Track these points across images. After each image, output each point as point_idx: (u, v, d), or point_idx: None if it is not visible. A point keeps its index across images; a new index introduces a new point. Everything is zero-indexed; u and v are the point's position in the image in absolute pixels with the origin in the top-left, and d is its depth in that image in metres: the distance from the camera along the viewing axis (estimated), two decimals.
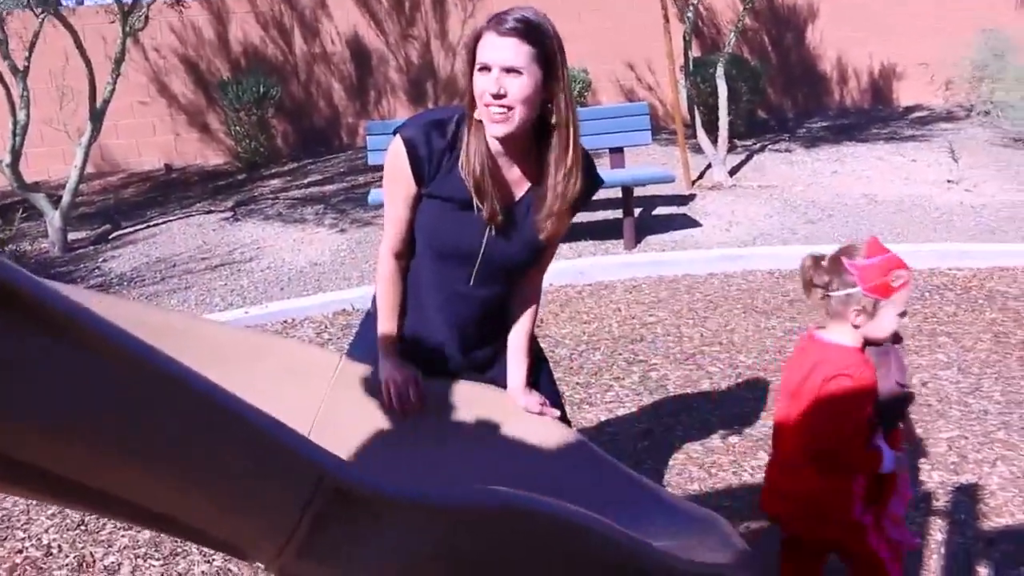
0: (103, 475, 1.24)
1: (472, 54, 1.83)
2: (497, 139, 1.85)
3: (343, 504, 1.33)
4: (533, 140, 1.90)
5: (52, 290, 1.07)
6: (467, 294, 2.02)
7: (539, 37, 1.79)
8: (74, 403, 1.12)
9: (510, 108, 1.79)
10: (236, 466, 1.27)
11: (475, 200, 1.89)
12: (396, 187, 1.96)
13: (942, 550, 2.66)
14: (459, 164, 1.89)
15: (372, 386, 2.10)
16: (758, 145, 8.92)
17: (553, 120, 1.86)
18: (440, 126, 1.91)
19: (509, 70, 1.77)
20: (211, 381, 1.21)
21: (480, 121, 1.85)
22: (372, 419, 2.10)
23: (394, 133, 1.93)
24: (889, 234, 6.01)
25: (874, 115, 10.32)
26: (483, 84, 1.79)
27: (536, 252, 2.02)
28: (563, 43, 1.83)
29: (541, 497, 1.46)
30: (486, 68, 1.79)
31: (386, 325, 2.08)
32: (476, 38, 1.82)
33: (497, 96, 1.78)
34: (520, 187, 1.96)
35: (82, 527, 3.01)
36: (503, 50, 1.77)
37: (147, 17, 7.20)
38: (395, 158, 1.93)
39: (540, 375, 2.21)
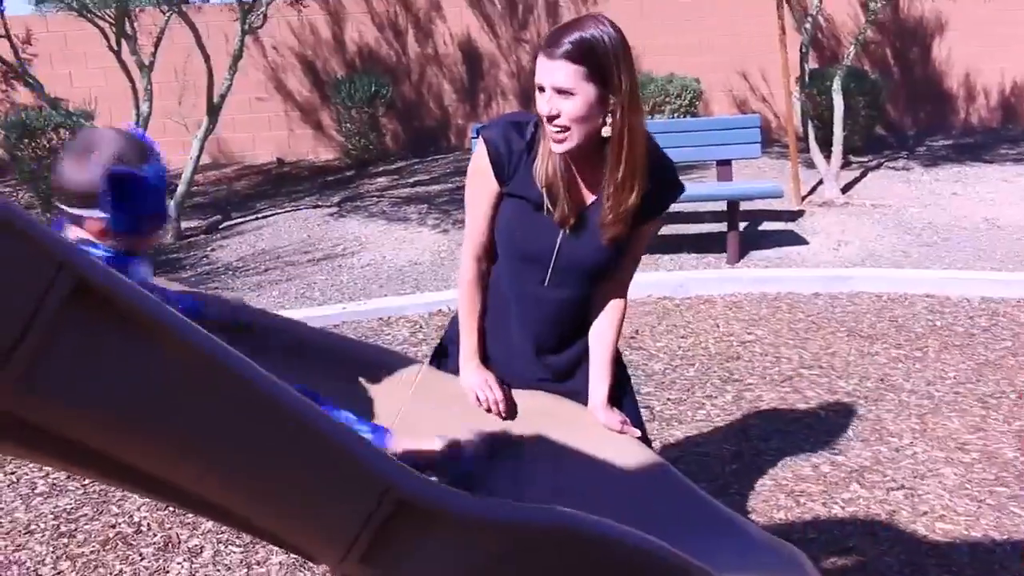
0: (176, 472, 1.26)
1: (534, 73, 1.86)
2: (555, 151, 1.88)
3: (407, 515, 1.33)
4: (600, 149, 1.89)
5: (135, 290, 1.08)
6: (542, 296, 2.02)
7: (591, 55, 1.78)
8: (148, 399, 1.13)
9: (566, 128, 1.82)
10: (304, 473, 1.27)
11: (547, 202, 1.92)
12: (478, 186, 1.99)
13: None
14: (534, 166, 1.92)
15: (452, 396, 2.09)
16: (875, 162, 8.61)
17: (605, 133, 1.85)
18: (519, 128, 1.95)
19: (560, 91, 1.79)
20: (284, 385, 1.22)
21: None
22: (449, 429, 2.09)
23: (476, 134, 1.96)
24: (1011, 262, 5.70)
25: (1002, 135, 9.84)
26: (540, 105, 1.83)
27: (609, 258, 1.99)
28: (630, 51, 1.81)
29: (605, 520, 1.42)
30: (541, 89, 1.82)
31: (467, 330, 2.10)
32: (535, 58, 1.85)
33: (551, 117, 1.81)
34: (591, 192, 1.96)
35: (171, 509, 3.10)
36: (554, 72, 1.79)
37: (265, 15, 7.40)
38: (477, 157, 1.97)
39: (624, 394, 2.16)
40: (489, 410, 2.05)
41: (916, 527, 2.90)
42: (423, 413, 2.08)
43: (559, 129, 1.82)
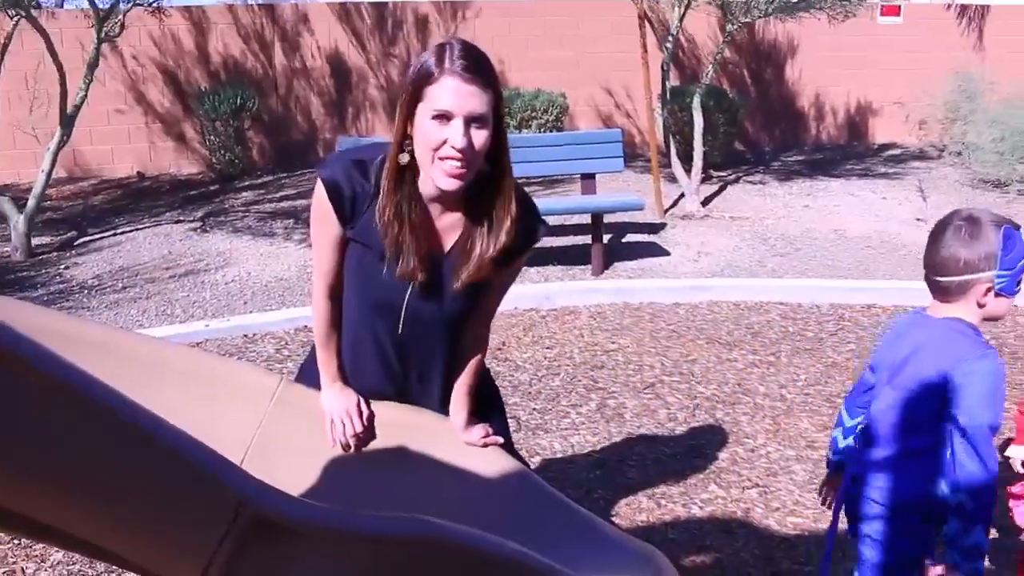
0: (18, 498, 1.21)
1: (417, 94, 1.65)
2: (444, 190, 1.70)
3: (264, 530, 1.31)
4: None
5: None
6: (398, 342, 1.91)
7: (494, 80, 1.67)
8: None
9: (470, 162, 1.65)
10: (153, 491, 1.24)
11: (392, 254, 1.76)
12: (322, 230, 1.84)
13: None
14: (377, 214, 1.75)
15: (311, 410, 2.07)
16: (733, 176, 8.98)
17: (494, 167, 1.73)
18: (362, 167, 1.77)
19: (474, 120, 1.63)
20: (133, 401, 1.19)
21: (404, 167, 1.72)
22: (310, 443, 2.07)
23: (316, 174, 1.82)
24: (856, 270, 6.05)
25: (849, 151, 10.43)
26: (443, 134, 1.63)
27: (465, 306, 1.88)
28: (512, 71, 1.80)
29: (461, 527, 1.44)
30: (445, 117, 1.62)
31: (325, 355, 1.99)
32: (426, 78, 1.64)
33: (462, 151, 1.62)
34: (450, 236, 1.82)
35: (14, 542, 2.93)
36: (469, 98, 1.61)
37: (123, 24, 7.15)
38: (317, 199, 1.80)
39: (492, 410, 2.15)
40: (347, 445, 1.96)
41: (769, 522, 3.04)
42: (284, 427, 2.06)
43: (462, 163, 1.64)
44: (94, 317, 5.10)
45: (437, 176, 1.67)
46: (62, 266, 6.24)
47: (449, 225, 1.81)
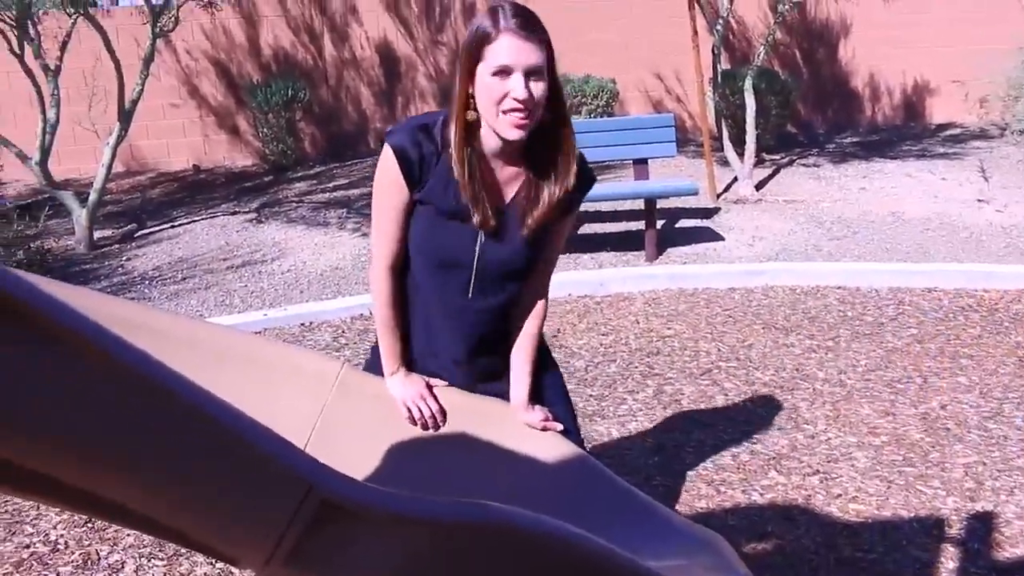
0: (90, 480, 1.24)
1: (476, 55, 1.76)
2: (509, 141, 1.80)
3: (330, 516, 1.32)
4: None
5: (40, 292, 1.06)
6: (468, 306, 1.97)
7: (547, 35, 1.77)
8: (58, 406, 1.11)
9: (532, 112, 1.75)
10: (223, 476, 1.26)
11: (467, 207, 1.85)
12: (389, 195, 1.90)
13: None
14: (448, 171, 1.84)
15: (373, 395, 2.09)
16: (786, 160, 8.85)
17: (555, 116, 1.83)
18: (427, 130, 1.87)
19: (532, 72, 1.73)
20: (200, 387, 1.20)
21: (470, 124, 1.81)
22: (372, 428, 2.08)
23: (382, 143, 1.90)
24: (915, 253, 5.93)
25: (906, 132, 10.21)
26: (505, 88, 1.73)
27: (531, 256, 1.96)
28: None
29: (529, 513, 1.44)
30: (505, 72, 1.73)
31: (389, 342, 2.03)
32: (484, 39, 1.74)
33: (523, 101, 1.73)
34: (511, 187, 1.91)
35: (89, 524, 3.02)
36: (527, 52, 1.72)
37: (177, 19, 7.26)
38: (385, 166, 1.88)
39: (548, 388, 2.17)
40: (426, 426, 2.03)
41: (830, 509, 3.00)
42: (346, 412, 2.08)
43: (526, 114, 1.74)
44: (158, 307, 5.20)
45: (503, 128, 1.77)
46: (123, 258, 6.37)
47: (510, 177, 1.91)
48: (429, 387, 2.05)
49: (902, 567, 2.67)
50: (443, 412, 2.05)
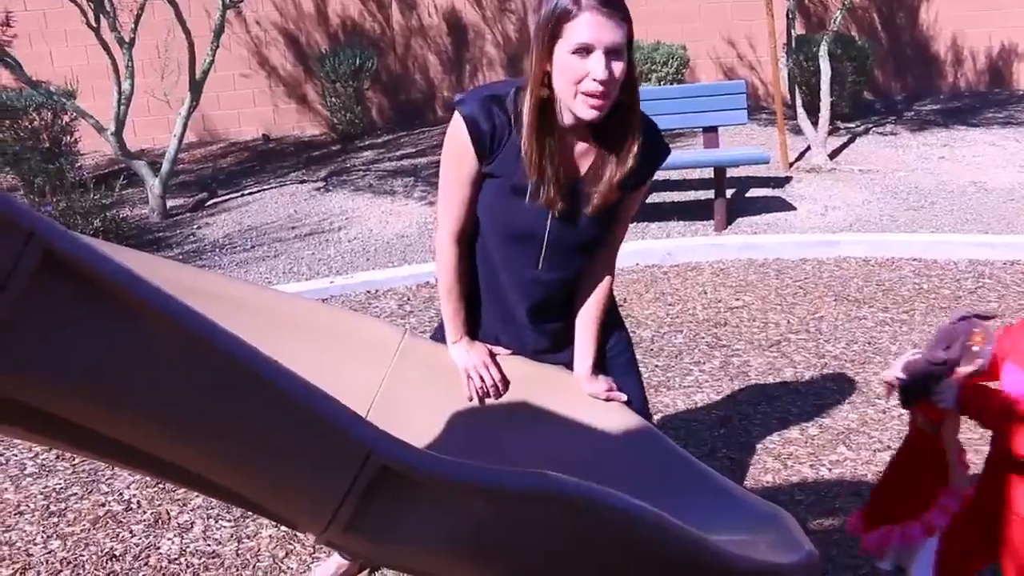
0: (159, 446, 1.26)
1: (554, 32, 1.70)
2: (585, 120, 1.76)
3: (389, 481, 1.32)
4: None
5: (109, 261, 1.07)
6: (537, 278, 1.96)
7: (627, 12, 1.72)
8: (125, 372, 1.13)
9: (609, 91, 1.71)
10: (284, 442, 1.27)
11: (535, 184, 1.82)
12: (458, 165, 1.88)
13: None
14: (519, 145, 1.80)
15: (435, 363, 2.09)
16: (862, 127, 8.59)
17: (630, 96, 1.78)
18: (499, 102, 1.83)
19: (612, 51, 1.68)
20: (264, 355, 1.21)
21: (544, 101, 1.77)
22: (433, 396, 2.09)
23: (451, 110, 1.87)
24: (998, 224, 5.71)
25: (990, 99, 9.82)
26: (585, 67, 1.68)
27: (601, 230, 1.94)
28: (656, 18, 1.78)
29: (589, 484, 1.42)
30: (585, 50, 1.67)
31: (452, 311, 2.03)
32: (563, 16, 1.69)
33: (604, 82, 1.68)
34: (583, 163, 1.88)
35: (160, 486, 3.10)
36: (608, 31, 1.67)
37: None
38: (455, 135, 1.85)
39: (617, 358, 2.14)
40: (487, 394, 2.02)
41: None
42: (408, 380, 2.08)
43: (603, 93, 1.70)
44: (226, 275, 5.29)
45: (579, 108, 1.73)
46: (195, 226, 6.49)
47: (581, 153, 1.87)
48: (492, 355, 2.05)
49: None
50: (505, 381, 2.05)
